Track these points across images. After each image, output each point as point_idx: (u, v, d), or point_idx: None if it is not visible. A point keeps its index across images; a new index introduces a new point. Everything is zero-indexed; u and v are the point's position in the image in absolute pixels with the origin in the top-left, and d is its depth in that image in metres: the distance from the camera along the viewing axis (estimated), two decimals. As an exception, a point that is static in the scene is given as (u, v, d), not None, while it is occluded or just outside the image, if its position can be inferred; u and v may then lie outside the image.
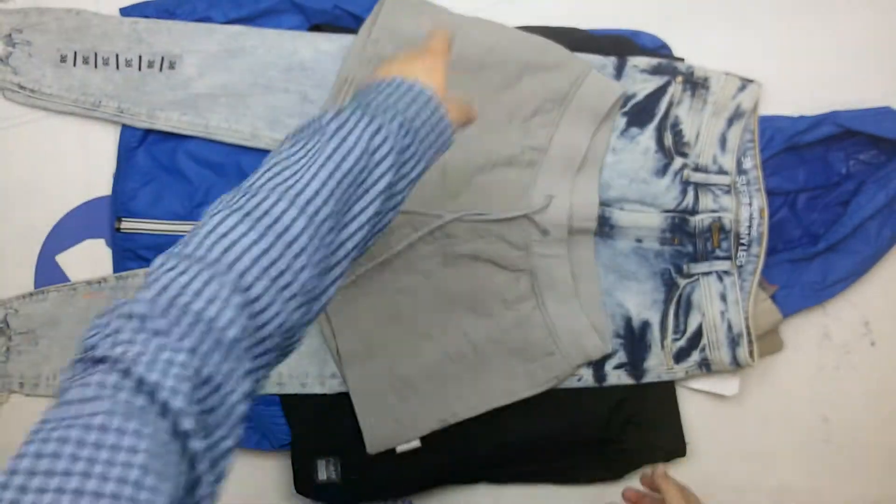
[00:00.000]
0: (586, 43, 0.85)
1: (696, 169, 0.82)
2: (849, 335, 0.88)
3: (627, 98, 0.83)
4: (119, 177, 0.88)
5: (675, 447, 0.85)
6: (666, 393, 0.85)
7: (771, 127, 0.84)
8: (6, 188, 0.90)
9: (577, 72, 0.81)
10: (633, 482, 0.86)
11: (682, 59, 0.85)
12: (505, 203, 0.81)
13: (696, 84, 0.83)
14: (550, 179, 0.81)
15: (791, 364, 0.87)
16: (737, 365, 0.82)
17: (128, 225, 0.87)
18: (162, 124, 0.87)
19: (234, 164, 0.87)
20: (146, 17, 0.88)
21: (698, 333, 0.83)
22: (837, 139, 0.85)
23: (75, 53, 0.88)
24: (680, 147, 0.83)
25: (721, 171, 0.82)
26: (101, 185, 0.90)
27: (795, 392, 0.88)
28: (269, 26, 0.87)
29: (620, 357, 0.84)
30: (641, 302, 0.83)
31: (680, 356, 0.83)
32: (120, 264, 0.88)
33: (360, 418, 0.82)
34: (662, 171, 0.82)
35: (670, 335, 0.83)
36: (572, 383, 0.84)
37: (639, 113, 0.83)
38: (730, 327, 0.81)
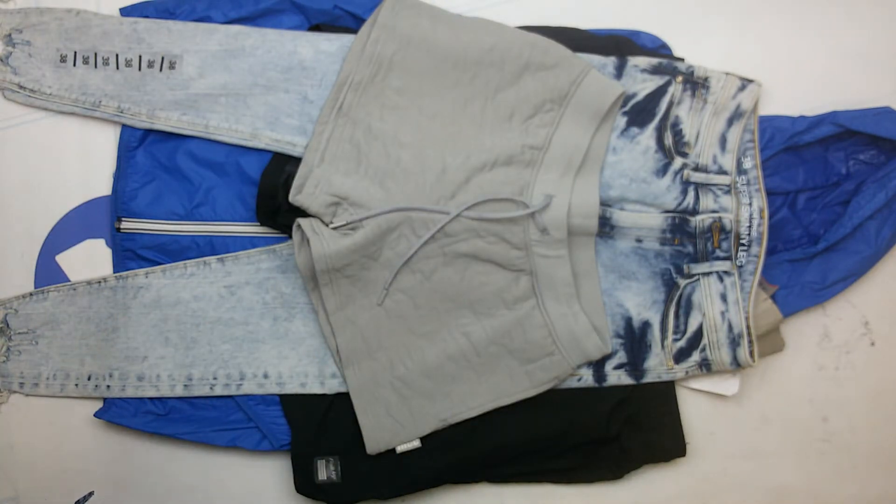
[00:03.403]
0: (586, 43, 0.85)
1: (697, 169, 0.82)
2: (849, 335, 0.88)
3: (627, 98, 0.83)
4: (119, 177, 0.88)
5: (675, 447, 0.85)
6: (666, 393, 0.85)
7: (771, 127, 0.85)
8: (6, 188, 0.90)
9: (577, 71, 0.81)
10: (633, 482, 0.86)
11: (682, 59, 0.85)
12: (505, 202, 0.81)
13: (696, 84, 0.83)
14: (550, 179, 0.81)
15: (791, 364, 0.87)
16: (737, 365, 0.82)
17: (128, 225, 0.87)
18: (162, 124, 0.87)
19: (234, 164, 0.87)
20: (146, 17, 0.88)
21: (699, 333, 0.83)
22: (837, 139, 0.85)
23: (75, 53, 0.88)
24: (680, 147, 0.83)
25: (721, 171, 0.82)
26: (101, 185, 0.90)
27: (795, 392, 0.88)
28: (269, 26, 0.88)
29: (620, 357, 0.84)
30: (641, 302, 0.83)
31: (680, 356, 0.83)
32: (120, 264, 0.88)
33: (360, 418, 0.83)
34: (663, 170, 0.82)
35: (670, 335, 0.83)
36: (572, 383, 0.84)
37: (639, 112, 0.83)
38: (730, 327, 0.81)
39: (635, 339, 0.83)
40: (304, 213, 0.82)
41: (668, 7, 0.89)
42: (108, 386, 0.86)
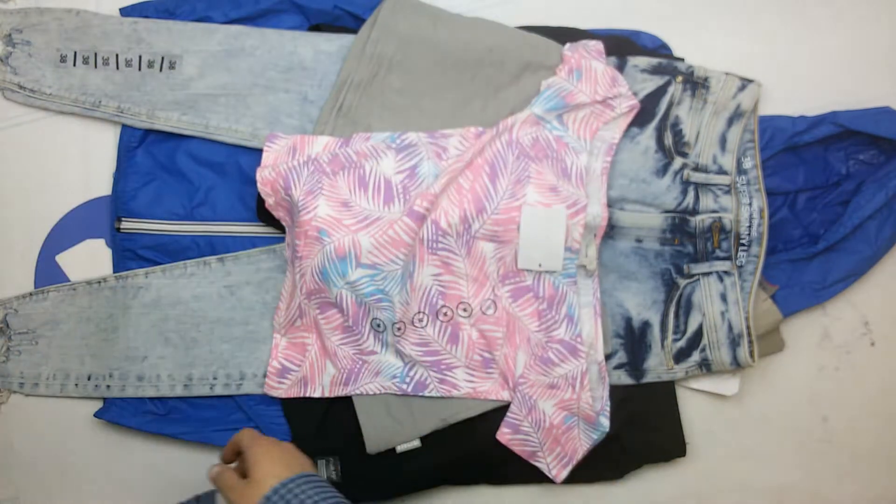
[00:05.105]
0: (586, 43, 0.85)
1: (697, 169, 0.82)
2: (849, 335, 0.88)
3: (627, 98, 0.83)
4: (119, 177, 0.88)
5: (675, 447, 0.85)
6: (666, 393, 0.85)
7: (771, 127, 0.85)
8: (6, 188, 0.90)
9: (577, 72, 0.81)
10: (634, 482, 0.86)
11: (682, 59, 0.85)
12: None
13: (696, 84, 0.83)
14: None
15: (791, 364, 0.87)
16: (737, 365, 0.82)
17: (128, 225, 0.87)
18: (162, 124, 0.87)
19: (234, 164, 0.87)
20: (146, 17, 0.88)
21: (698, 333, 0.83)
22: (837, 139, 0.85)
23: (75, 53, 0.88)
24: (680, 147, 0.83)
25: (721, 171, 0.82)
26: (101, 185, 0.90)
27: (795, 392, 0.88)
28: (269, 26, 0.88)
29: (620, 357, 0.84)
30: (641, 302, 0.83)
31: (680, 356, 0.83)
32: (120, 264, 0.88)
33: (360, 418, 0.82)
34: (662, 171, 0.82)
35: (670, 335, 0.83)
36: (572, 383, 0.84)
37: (639, 113, 0.83)
38: (730, 327, 0.81)
39: (635, 339, 0.83)
40: (304, 213, 0.82)
41: (668, 7, 0.89)
42: (108, 386, 0.86)
